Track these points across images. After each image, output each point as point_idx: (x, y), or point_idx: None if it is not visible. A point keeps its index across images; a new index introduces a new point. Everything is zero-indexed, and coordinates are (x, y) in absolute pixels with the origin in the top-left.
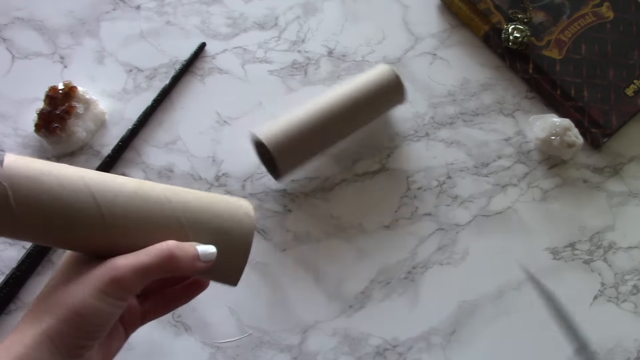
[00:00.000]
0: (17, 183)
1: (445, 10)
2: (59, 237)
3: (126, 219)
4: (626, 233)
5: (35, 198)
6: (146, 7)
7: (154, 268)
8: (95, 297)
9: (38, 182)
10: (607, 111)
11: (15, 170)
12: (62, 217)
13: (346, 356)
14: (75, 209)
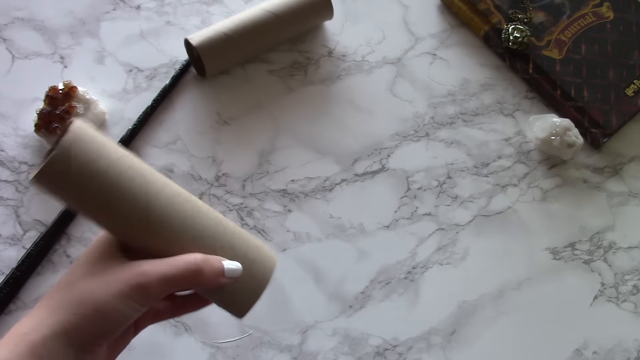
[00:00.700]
0: (81, 150)
1: (445, 10)
2: (101, 213)
3: (166, 214)
4: (626, 233)
5: (92, 169)
6: (146, 7)
7: (180, 280)
8: (120, 300)
9: (98, 154)
10: (607, 111)
11: (81, 137)
12: (111, 193)
13: (346, 356)
14: (124, 187)
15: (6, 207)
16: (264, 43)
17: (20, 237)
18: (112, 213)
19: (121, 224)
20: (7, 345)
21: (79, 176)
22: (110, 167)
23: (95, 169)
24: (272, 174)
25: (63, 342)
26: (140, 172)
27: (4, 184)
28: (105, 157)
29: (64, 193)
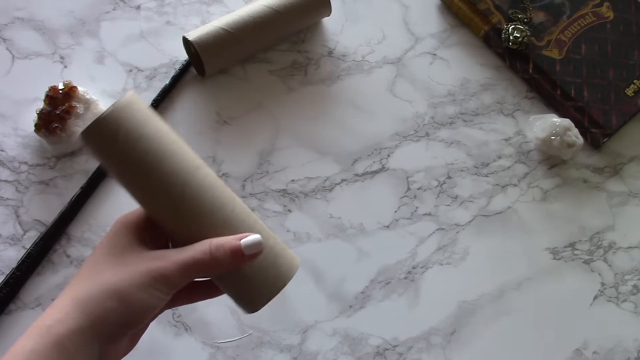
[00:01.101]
0: (132, 113)
1: (445, 10)
2: (139, 180)
3: (200, 191)
4: (626, 233)
5: (139, 133)
6: (146, 7)
7: (200, 267)
8: (144, 291)
9: (146, 121)
10: (607, 111)
11: (134, 103)
12: (152, 161)
13: (346, 356)
14: (166, 158)
15: (6, 207)
16: (262, 39)
17: (20, 237)
18: (150, 182)
19: (156, 195)
20: (32, 337)
21: (125, 137)
22: (155, 135)
23: (142, 133)
24: (272, 174)
25: (89, 335)
26: (182, 148)
27: (4, 184)
28: (152, 126)
29: (107, 152)
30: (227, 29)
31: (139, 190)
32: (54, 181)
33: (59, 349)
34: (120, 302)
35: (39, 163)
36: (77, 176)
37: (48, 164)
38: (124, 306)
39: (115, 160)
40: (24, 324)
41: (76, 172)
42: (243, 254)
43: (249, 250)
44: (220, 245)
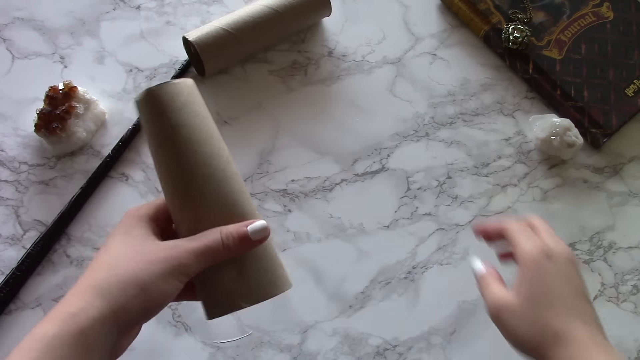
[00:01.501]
0: (195, 96)
1: (445, 10)
2: (179, 153)
3: (229, 182)
4: (626, 233)
5: (197, 109)
6: (146, 7)
7: (213, 253)
8: (163, 279)
9: (203, 104)
10: (607, 111)
11: (196, 88)
12: (197, 139)
13: (346, 356)
14: (210, 139)
15: (6, 207)
16: (262, 39)
17: (20, 237)
18: (190, 158)
19: (191, 172)
20: (55, 322)
21: (188, 108)
22: (208, 118)
23: (201, 112)
24: (272, 174)
25: (110, 324)
26: (221, 137)
27: (4, 184)
28: (206, 109)
29: (166, 116)
30: (227, 29)
31: (177, 164)
32: (54, 181)
33: (82, 337)
34: (141, 290)
35: (39, 163)
36: (77, 176)
37: (48, 164)
38: (145, 295)
39: (168, 127)
40: (24, 324)
41: (76, 172)
42: (251, 239)
43: (256, 235)
44: (229, 233)
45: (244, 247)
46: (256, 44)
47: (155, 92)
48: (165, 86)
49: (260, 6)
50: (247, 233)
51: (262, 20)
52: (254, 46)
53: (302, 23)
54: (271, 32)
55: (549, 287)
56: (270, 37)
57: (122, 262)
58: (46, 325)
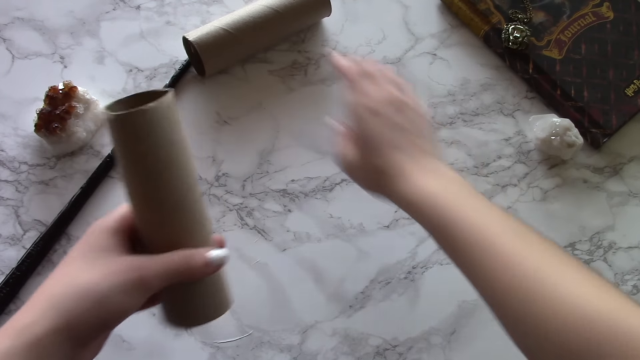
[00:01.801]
0: (167, 121)
1: (445, 10)
2: (149, 176)
3: (196, 207)
4: (626, 233)
5: (165, 143)
6: (146, 7)
7: (176, 273)
8: (122, 292)
9: (178, 125)
10: (607, 111)
11: (171, 109)
12: (169, 164)
13: (346, 356)
14: (182, 164)
15: (6, 207)
16: (262, 39)
17: (20, 237)
18: (158, 185)
19: (158, 199)
20: (8, 335)
21: (157, 135)
22: (180, 143)
23: (171, 138)
24: (272, 174)
25: (65, 336)
26: (191, 160)
27: (4, 184)
28: (179, 132)
29: (133, 142)
30: (227, 29)
31: (144, 190)
32: (54, 181)
33: (35, 348)
34: (97, 303)
35: (39, 163)
36: (77, 176)
37: (48, 164)
38: (100, 307)
39: (135, 154)
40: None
41: (76, 172)
42: (212, 266)
43: (217, 262)
44: (192, 256)
45: (206, 270)
46: (256, 44)
47: (126, 118)
48: (137, 114)
49: (260, 6)
50: (211, 259)
51: (262, 20)
52: (254, 46)
53: (302, 23)
54: (271, 32)
55: (373, 136)
56: (270, 37)
57: (80, 273)
58: (0, 339)
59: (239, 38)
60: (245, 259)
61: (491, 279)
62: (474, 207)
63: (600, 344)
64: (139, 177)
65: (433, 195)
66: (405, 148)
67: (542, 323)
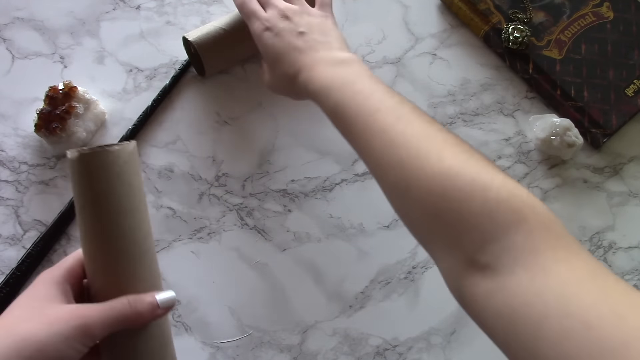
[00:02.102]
0: (128, 166)
1: (445, 10)
2: (100, 228)
3: (149, 254)
4: (626, 233)
5: (122, 187)
6: (146, 7)
7: (120, 320)
8: (62, 341)
9: (134, 176)
10: (607, 111)
11: (134, 155)
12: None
13: (346, 356)
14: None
15: (6, 207)
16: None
17: (20, 237)
18: (113, 230)
19: (108, 242)
20: None
21: (116, 179)
22: (138, 188)
23: (131, 182)
24: (272, 174)
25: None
26: (146, 207)
27: (4, 184)
28: (138, 178)
29: (93, 182)
30: (227, 29)
31: (98, 232)
32: (54, 181)
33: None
34: (37, 351)
35: (39, 163)
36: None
37: (48, 164)
38: (42, 356)
39: (93, 194)
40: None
41: None
42: (158, 308)
43: (164, 304)
44: (139, 299)
45: (154, 313)
46: (255, 44)
47: (88, 157)
48: (100, 154)
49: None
50: (156, 302)
51: None
52: (254, 46)
53: None
54: None
55: (274, 50)
56: None
57: (20, 323)
58: None
59: (239, 38)
60: (245, 259)
61: (370, 150)
62: (362, 88)
63: (460, 201)
64: (95, 218)
65: (329, 81)
66: (305, 48)
67: (410, 185)
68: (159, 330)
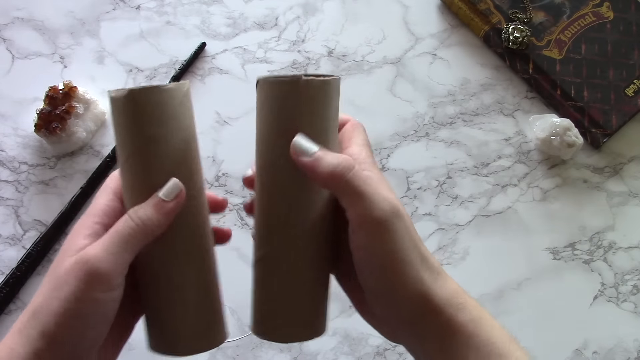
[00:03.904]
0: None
1: (445, 10)
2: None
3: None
4: (626, 233)
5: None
6: (146, 7)
7: (128, 237)
8: (77, 299)
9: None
10: (607, 111)
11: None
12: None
13: (346, 356)
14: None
15: (6, 207)
16: None
17: (20, 237)
18: (158, 179)
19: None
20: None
21: (168, 122)
22: (191, 134)
23: (183, 126)
24: None
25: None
26: (198, 158)
27: (4, 184)
28: (191, 123)
29: (140, 126)
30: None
31: (142, 182)
32: (54, 181)
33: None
34: (56, 324)
35: (39, 163)
36: (77, 176)
37: (48, 164)
38: (64, 334)
39: (143, 139)
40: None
41: (76, 172)
42: (165, 202)
43: (168, 194)
44: (139, 207)
45: (161, 213)
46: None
47: (139, 95)
48: (154, 92)
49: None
50: (159, 197)
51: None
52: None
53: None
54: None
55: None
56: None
57: (44, 300)
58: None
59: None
60: (245, 259)
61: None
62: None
63: None
64: (145, 168)
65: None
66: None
67: None
68: (186, 229)
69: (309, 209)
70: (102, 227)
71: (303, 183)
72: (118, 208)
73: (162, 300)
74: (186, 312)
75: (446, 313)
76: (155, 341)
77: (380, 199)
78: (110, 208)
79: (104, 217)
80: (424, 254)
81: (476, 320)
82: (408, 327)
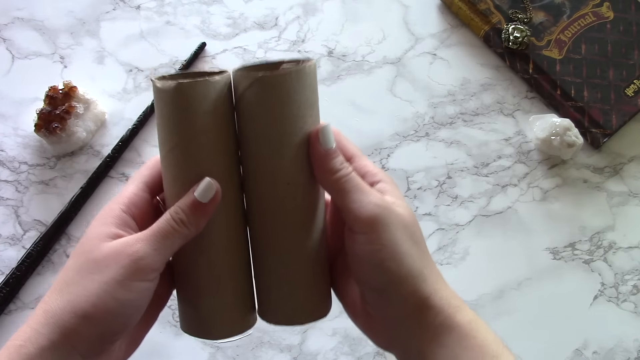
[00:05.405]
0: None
1: (445, 10)
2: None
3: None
4: (626, 233)
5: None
6: (146, 7)
7: (168, 234)
8: (119, 287)
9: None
10: (607, 111)
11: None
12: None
13: (346, 356)
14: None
15: (6, 207)
16: None
17: (20, 237)
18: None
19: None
20: (2, 358)
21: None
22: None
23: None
24: None
25: (66, 351)
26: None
27: (4, 184)
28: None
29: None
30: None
31: (186, 176)
32: (54, 181)
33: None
34: (94, 307)
35: (39, 163)
36: (77, 176)
37: (48, 164)
38: (99, 311)
39: (191, 132)
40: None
41: (76, 172)
42: (201, 203)
43: (204, 196)
44: (177, 206)
45: (199, 213)
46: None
47: (187, 89)
48: (201, 85)
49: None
50: (195, 198)
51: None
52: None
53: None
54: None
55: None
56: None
57: (75, 279)
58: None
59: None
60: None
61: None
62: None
63: None
64: (192, 160)
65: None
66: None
67: None
68: (218, 232)
69: (305, 191)
70: (129, 216)
71: (302, 167)
72: (146, 199)
73: (198, 288)
74: (223, 299)
75: (445, 312)
76: (189, 324)
77: (372, 196)
78: (139, 197)
79: (131, 206)
80: (426, 254)
81: (473, 322)
82: (405, 323)
